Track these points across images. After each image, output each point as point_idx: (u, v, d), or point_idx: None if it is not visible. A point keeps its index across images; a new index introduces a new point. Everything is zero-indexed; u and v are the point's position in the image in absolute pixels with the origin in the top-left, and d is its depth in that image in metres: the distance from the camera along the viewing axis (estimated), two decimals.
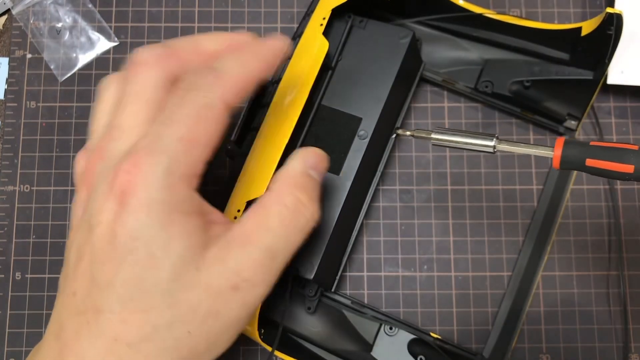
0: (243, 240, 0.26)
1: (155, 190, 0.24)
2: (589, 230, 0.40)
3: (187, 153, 0.25)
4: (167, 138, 0.25)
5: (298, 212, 0.27)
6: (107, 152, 0.26)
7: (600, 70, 0.37)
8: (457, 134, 0.30)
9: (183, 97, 0.26)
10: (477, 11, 0.39)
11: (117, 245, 0.24)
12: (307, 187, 0.28)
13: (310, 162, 0.29)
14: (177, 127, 0.25)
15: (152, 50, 0.28)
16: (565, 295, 0.39)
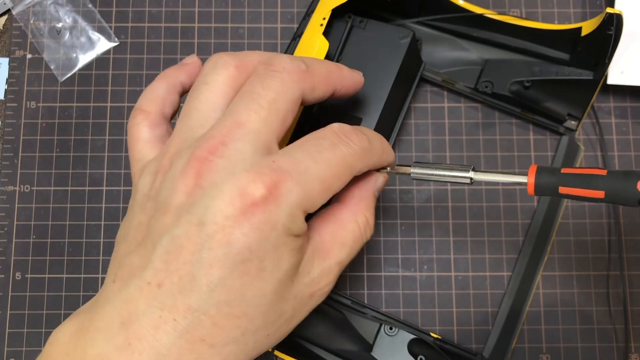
0: (323, 253, 0.28)
1: (283, 214, 0.24)
2: (589, 230, 0.40)
3: (320, 196, 0.26)
4: (312, 175, 0.26)
5: (365, 232, 0.29)
6: (228, 150, 0.25)
7: (600, 70, 0.37)
8: (436, 167, 0.30)
9: (336, 145, 0.27)
10: (477, 11, 0.39)
11: (231, 252, 0.24)
12: (374, 207, 0.30)
13: (380, 185, 0.30)
14: (324, 169, 0.26)
15: (295, 62, 0.28)
16: (565, 295, 0.39)
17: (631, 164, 0.41)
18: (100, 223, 0.40)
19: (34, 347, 0.39)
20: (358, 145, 0.28)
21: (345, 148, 0.27)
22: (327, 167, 0.26)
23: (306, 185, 0.25)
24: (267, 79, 0.27)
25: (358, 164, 0.28)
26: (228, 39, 0.43)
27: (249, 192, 0.24)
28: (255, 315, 0.25)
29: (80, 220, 0.40)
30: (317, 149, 0.26)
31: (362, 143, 0.28)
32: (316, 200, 0.26)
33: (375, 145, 0.29)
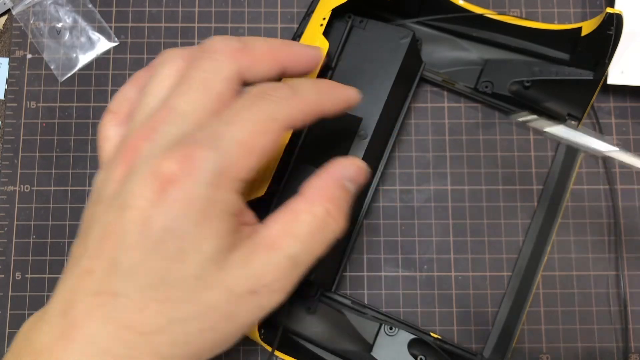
0: (268, 244, 0.25)
1: (201, 187, 0.24)
2: (589, 230, 0.40)
3: (242, 158, 0.25)
4: (227, 138, 0.24)
5: (326, 224, 0.26)
6: (156, 134, 0.25)
7: (600, 70, 0.37)
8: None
9: (253, 102, 0.26)
10: (478, 11, 0.39)
11: (149, 233, 0.24)
12: (340, 198, 0.27)
13: (350, 174, 0.28)
14: (239, 129, 0.25)
15: (228, 41, 0.27)
16: (565, 295, 0.39)
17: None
18: None
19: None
20: (277, 95, 0.26)
21: (261, 102, 0.26)
22: (243, 126, 0.25)
23: (222, 150, 0.24)
24: (198, 61, 0.26)
25: (282, 113, 0.26)
26: None
27: (162, 171, 0.24)
28: (180, 303, 0.24)
29: (80, 220, 0.40)
30: (232, 112, 0.25)
31: (282, 91, 0.26)
32: (240, 164, 0.24)
33: (303, 89, 0.27)
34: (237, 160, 0.24)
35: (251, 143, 0.25)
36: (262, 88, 0.26)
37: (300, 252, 0.25)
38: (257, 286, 0.25)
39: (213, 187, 0.24)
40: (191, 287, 0.24)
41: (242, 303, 0.25)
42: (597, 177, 0.41)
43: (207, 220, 0.24)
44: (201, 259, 0.24)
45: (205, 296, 0.24)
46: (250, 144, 0.25)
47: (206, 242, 0.24)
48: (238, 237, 0.25)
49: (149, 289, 0.24)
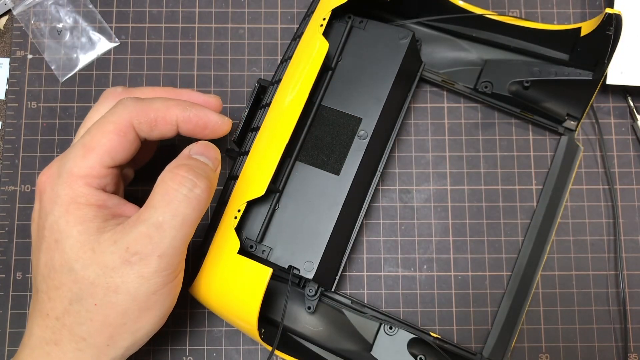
0: (134, 221, 0.29)
1: (59, 187, 0.30)
2: (589, 230, 0.40)
3: (84, 157, 0.31)
4: (74, 146, 0.31)
5: (178, 184, 0.30)
6: (53, 161, 0.33)
7: (600, 70, 0.37)
8: None
9: (103, 116, 0.32)
10: (477, 12, 0.39)
11: (38, 235, 0.31)
12: (190, 165, 0.31)
13: (195, 149, 0.32)
14: (85, 137, 0.31)
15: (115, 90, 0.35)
16: (565, 294, 0.39)
17: (630, 164, 0.41)
18: None
19: None
20: (120, 104, 0.32)
21: (109, 111, 0.32)
22: (87, 133, 0.31)
23: (69, 155, 0.31)
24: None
25: (119, 115, 0.31)
26: (228, 39, 0.43)
27: (39, 185, 0.32)
28: (69, 284, 0.29)
29: None
30: (86, 129, 0.32)
31: (125, 101, 0.32)
32: (82, 164, 0.30)
33: (150, 99, 0.33)
34: (80, 161, 0.31)
35: (89, 145, 0.31)
36: (115, 104, 0.33)
37: (159, 215, 0.29)
38: (127, 256, 0.29)
39: (68, 184, 0.30)
40: (71, 269, 0.29)
41: (121, 274, 0.29)
42: (596, 177, 0.41)
43: (70, 211, 0.30)
44: (73, 244, 0.29)
45: (84, 274, 0.29)
46: (89, 146, 0.31)
47: (72, 228, 0.30)
48: (109, 223, 0.30)
49: (48, 279, 0.30)
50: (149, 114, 0.32)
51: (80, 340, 0.30)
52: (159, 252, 0.29)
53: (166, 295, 0.30)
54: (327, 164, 0.36)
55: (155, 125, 0.32)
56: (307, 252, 0.34)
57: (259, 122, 0.36)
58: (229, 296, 0.33)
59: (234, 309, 0.33)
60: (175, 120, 0.33)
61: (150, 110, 0.32)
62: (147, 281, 0.29)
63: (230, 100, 0.42)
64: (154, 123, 0.32)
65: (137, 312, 0.30)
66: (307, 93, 0.35)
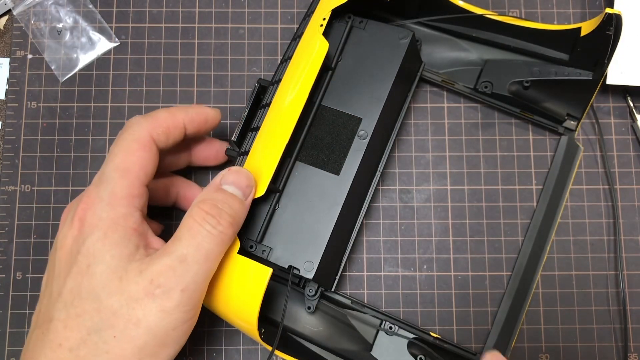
0: (160, 253, 0.29)
1: (101, 210, 0.30)
2: (589, 230, 0.40)
3: (123, 177, 0.31)
4: (107, 171, 0.31)
5: (202, 221, 0.30)
6: (84, 193, 0.32)
7: (600, 70, 0.37)
8: None
9: (118, 138, 0.33)
10: (477, 12, 0.39)
11: (70, 261, 0.30)
12: (215, 200, 0.31)
13: (226, 178, 0.32)
14: (113, 160, 0.32)
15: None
16: (565, 294, 0.39)
17: (630, 164, 0.41)
18: None
19: None
20: (133, 122, 0.33)
21: (123, 132, 0.33)
22: (115, 155, 0.32)
23: (106, 179, 0.31)
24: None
25: (140, 132, 0.32)
26: (228, 39, 0.43)
27: (77, 215, 0.31)
28: (92, 313, 0.29)
29: None
30: (109, 153, 0.32)
31: (136, 118, 0.33)
32: (124, 182, 0.31)
33: (157, 112, 0.34)
34: (120, 181, 0.31)
35: (124, 165, 0.31)
36: (124, 125, 0.33)
37: (184, 249, 0.29)
38: (151, 289, 0.29)
39: (110, 205, 0.30)
40: (97, 297, 0.29)
41: (142, 307, 0.28)
42: (596, 177, 0.41)
43: (109, 234, 0.30)
44: (104, 270, 0.29)
45: (108, 303, 0.29)
46: (124, 166, 0.31)
47: (107, 253, 0.29)
48: (139, 251, 0.30)
49: (70, 306, 0.29)
50: (161, 124, 0.33)
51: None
52: (182, 286, 0.29)
53: (184, 332, 0.30)
54: (327, 164, 0.36)
55: (170, 133, 0.33)
56: (307, 252, 0.34)
57: (259, 122, 0.36)
58: (229, 296, 0.33)
59: (234, 309, 0.33)
60: (182, 123, 0.34)
61: (161, 120, 0.33)
62: (168, 316, 0.29)
63: (230, 100, 0.42)
64: (168, 131, 0.33)
65: (154, 348, 0.29)
66: (307, 93, 0.35)
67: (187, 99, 0.42)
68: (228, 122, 0.42)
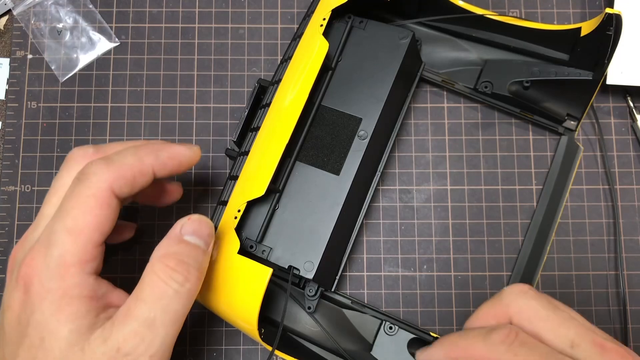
0: (124, 316, 0.27)
1: (48, 280, 0.27)
2: (589, 230, 0.40)
3: (75, 243, 0.27)
4: (57, 231, 0.28)
5: (169, 279, 0.27)
6: (26, 241, 0.30)
7: (600, 70, 0.37)
8: None
9: (74, 188, 0.28)
10: (477, 12, 0.39)
11: (19, 328, 0.27)
12: (181, 254, 0.28)
13: (187, 228, 0.29)
14: (65, 218, 0.28)
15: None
16: (565, 294, 0.39)
17: (630, 164, 0.41)
18: None
19: None
20: (91, 171, 0.29)
21: (78, 184, 0.29)
22: (67, 213, 0.28)
23: (55, 242, 0.27)
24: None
25: (98, 186, 0.28)
26: (228, 40, 0.43)
27: (21, 274, 0.28)
28: None
29: None
30: (61, 205, 0.29)
31: (95, 166, 0.29)
32: (73, 250, 0.27)
33: (120, 157, 0.30)
34: (71, 247, 0.27)
35: (77, 227, 0.28)
36: (82, 169, 0.29)
37: (150, 312, 0.27)
38: (118, 356, 0.26)
39: (59, 277, 0.27)
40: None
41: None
42: (596, 177, 0.41)
43: (61, 307, 0.27)
44: (61, 344, 0.26)
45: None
46: (77, 228, 0.28)
47: (62, 327, 0.27)
48: (99, 318, 0.27)
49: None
50: (125, 174, 0.29)
51: None
52: (151, 352, 0.27)
53: None
54: (327, 164, 0.36)
55: (135, 183, 0.30)
56: (307, 252, 0.34)
57: (259, 122, 0.36)
58: (229, 296, 0.33)
59: (234, 309, 0.33)
60: (151, 170, 0.31)
61: (126, 169, 0.29)
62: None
63: (230, 100, 0.42)
64: (133, 181, 0.30)
65: None
66: (307, 93, 0.35)
67: (187, 99, 0.42)
68: (228, 122, 0.42)
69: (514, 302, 0.27)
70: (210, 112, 0.42)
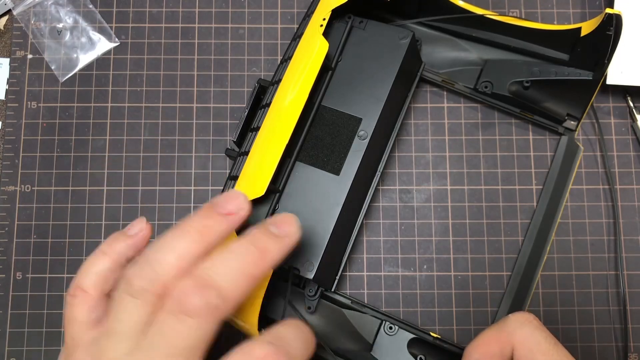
0: None
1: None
2: (589, 230, 0.40)
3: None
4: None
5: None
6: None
7: (600, 70, 0.37)
8: None
9: (162, 325, 0.24)
10: (477, 12, 0.39)
11: None
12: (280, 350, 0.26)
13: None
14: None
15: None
16: (565, 294, 0.39)
17: (630, 164, 0.41)
18: (100, 223, 0.41)
19: (34, 346, 0.39)
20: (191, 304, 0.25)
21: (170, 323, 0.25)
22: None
23: None
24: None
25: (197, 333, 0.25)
26: (228, 40, 0.43)
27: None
28: None
29: (80, 220, 0.41)
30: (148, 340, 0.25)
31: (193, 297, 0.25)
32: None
33: (224, 280, 0.25)
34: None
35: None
36: (176, 298, 0.25)
37: None
38: None
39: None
40: None
41: None
42: (596, 177, 0.41)
43: None
44: None
45: None
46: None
47: None
48: None
49: None
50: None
51: None
52: None
53: None
54: (327, 164, 0.36)
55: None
56: (307, 252, 0.34)
57: (259, 122, 0.36)
58: None
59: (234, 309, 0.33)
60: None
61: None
62: None
63: (230, 100, 0.42)
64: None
65: None
66: (307, 93, 0.35)
67: (187, 99, 0.42)
68: (228, 122, 0.42)
69: (518, 330, 0.28)
70: (210, 112, 0.42)
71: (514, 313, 0.29)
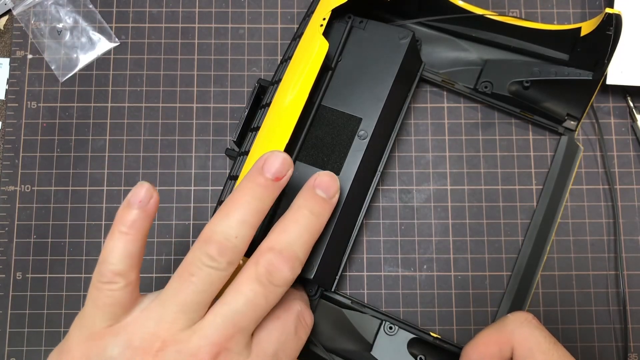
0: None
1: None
2: (589, 230, 0.40)
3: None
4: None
5: (298, 329, 0.31)
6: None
7: (600, 70, 0.37)
8: None
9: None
10: (477, 12, 0.39)
11: None
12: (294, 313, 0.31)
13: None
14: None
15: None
16: (565, 294, 0.39)
17: (630, 164, 0.41)
18: (100, 223, 0.41)
19: (34, 346, 0.39)
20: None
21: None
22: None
23: None
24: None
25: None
26: (228, 40, 0.43)
27: None
28: None
29: (80, 220, 0.41)
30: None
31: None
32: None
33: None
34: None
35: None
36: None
37: (276, 348, 0.29)
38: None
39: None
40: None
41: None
42: (596, 177, 0.41)
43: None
44: None
45: None
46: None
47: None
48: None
49: None
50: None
51: None
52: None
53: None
54: (327, 164, 0.36)
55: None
56: None
57: (258, 122, 0.36)
58: None
59: None
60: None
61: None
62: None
63: (230, 100, 0.42)
64: None
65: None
66: (307, 93, 0.35)
67: (187, 99, 0.42)
68: (228, 122, 0.42)
69: (518, 330, 0.28)
70: (210, 112, 0.42)
71: (513, 313, 0.29)
